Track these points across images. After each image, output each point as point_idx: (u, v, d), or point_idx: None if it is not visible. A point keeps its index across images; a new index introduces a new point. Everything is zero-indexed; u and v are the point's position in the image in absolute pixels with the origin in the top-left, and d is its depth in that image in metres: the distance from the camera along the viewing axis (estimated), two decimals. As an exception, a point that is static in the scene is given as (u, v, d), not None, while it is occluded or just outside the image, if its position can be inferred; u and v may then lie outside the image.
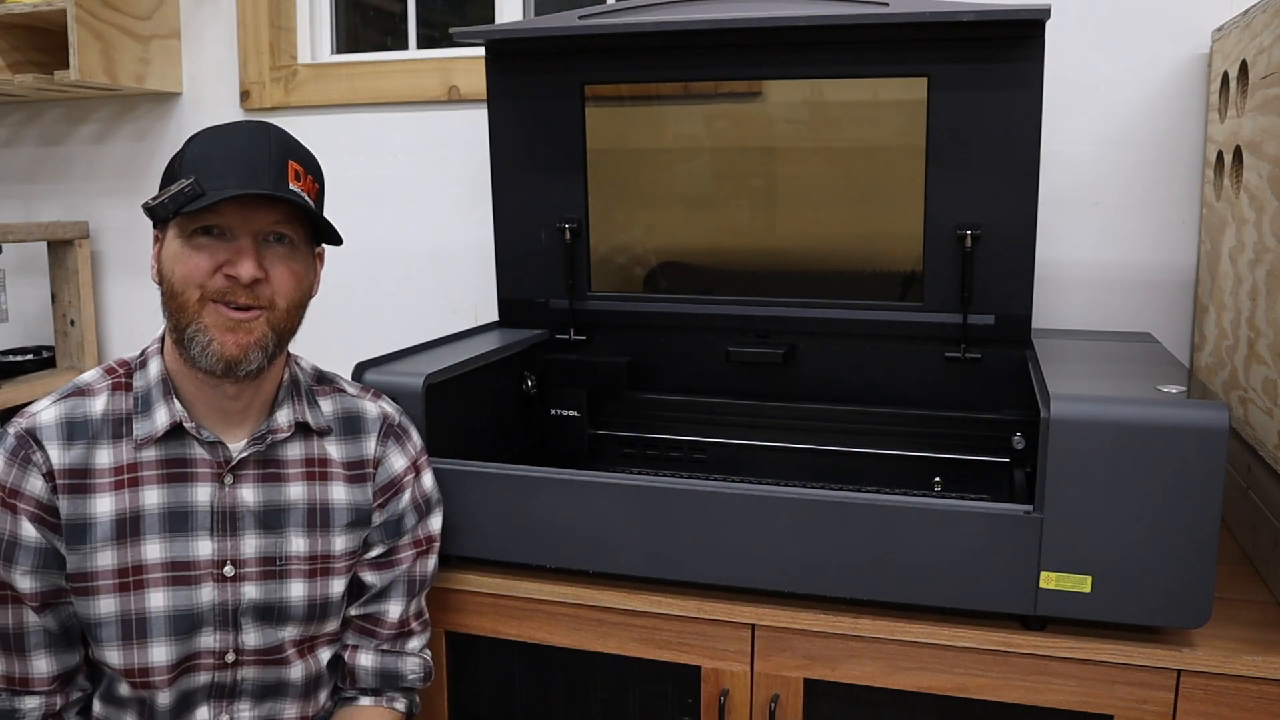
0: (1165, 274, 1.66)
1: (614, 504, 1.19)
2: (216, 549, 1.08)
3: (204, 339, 1.03)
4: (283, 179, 1.04)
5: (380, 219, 2.06)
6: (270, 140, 1.06)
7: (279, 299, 1.06)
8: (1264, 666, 1.04)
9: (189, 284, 1.03)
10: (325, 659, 1.16)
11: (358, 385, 1.22)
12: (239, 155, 1.03)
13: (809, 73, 1.48)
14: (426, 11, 2.13)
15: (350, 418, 1.17)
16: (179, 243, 1.03)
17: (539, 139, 1.58)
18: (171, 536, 1.06)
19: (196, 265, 1.03)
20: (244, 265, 1.02)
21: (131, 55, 2.02)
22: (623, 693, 1.27)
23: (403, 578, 1.19)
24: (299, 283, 1.08)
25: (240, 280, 1.02)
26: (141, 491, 1.06)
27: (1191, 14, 1.60)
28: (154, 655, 1.05)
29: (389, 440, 1.18)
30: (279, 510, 1.11)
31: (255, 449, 1.09)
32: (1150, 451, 1.02)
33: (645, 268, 1.64)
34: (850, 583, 1.14)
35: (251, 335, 1.04)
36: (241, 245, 1.03)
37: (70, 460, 1.04)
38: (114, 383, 1.09)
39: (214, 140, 1.05)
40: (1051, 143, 1.61)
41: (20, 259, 2.31)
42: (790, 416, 1.53)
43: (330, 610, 1.14)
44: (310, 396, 1.16)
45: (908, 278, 1.49)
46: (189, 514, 1.07)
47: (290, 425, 1.12)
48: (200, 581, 1.07)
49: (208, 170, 1.02)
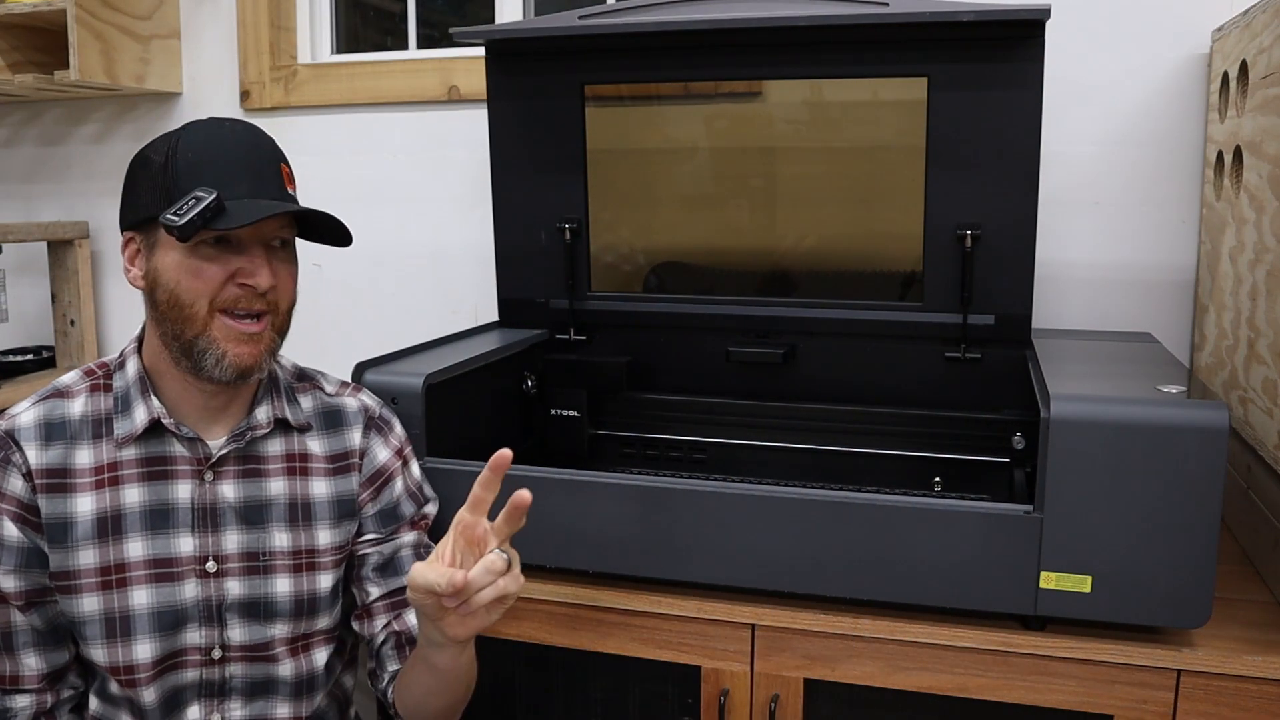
0: (1165, 274, 1.66)
1: (614, 504, 1.19)
2: (198, 545, 1.08)
3: (217, 351, 1.03)
4: (282, 183, 1.06)
5: (380, 219, 2.06)
6: (261, 143, 1.07)
7: (281, 302, 1.08)
8: (1264, 666, 1.04)
9: (199, 296, 1.02)
10: (321, 660, 1.16)
11: (337, 381, 1.23)
12: (240, 162, 1.03)
13: (809, 73, 1.48)
14: (426, 11, 2.13)
15: (331, 413, 1.18)
16: (180, 253, 1.02)
17: (539, 139, 1.58)
18: (153, 534, 1.07)
19: (210, 277, 1.02)
20: (261, 275, 1.03)
21: (131, 55, 2.02)
22: (623, 693, 1.27)
23: (409, 547, 1.19)
24: (294, 284, 1.10)
25: (258, 289, 1.03)
26: (122, 490, 1.07)
27: (1191, 14, 1.60)
28: (139, 652, 1.06)
29: (372, 432, 1.19)
30: (260, 506, 1.11)
31: (235, 445, 1.10)
32: (1150, 451, 1.02)
33: (645, 268, 1.64)
34: (850, 583, 1.14)
35: (261, 345, 1.06)
36: (254, 255, 1.04)
37: (49, 460, 1.05)
38: (92, 384, 1.10)
39: (207, 145, 1.04)
40: (1051, 143, 1.61)
41: (20, 259, 2.31)
42: (790, 416, 1.53)
43: (320, 606, 1.14)
44: (290, 393, 1.16)
45: (908, 278, 1.49)
46: (170, 511, 1.08)
47: (269, 421, 1.12)
48: (183, 578, 1.07)
49: (212, 179, 1.01)
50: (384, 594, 1.17)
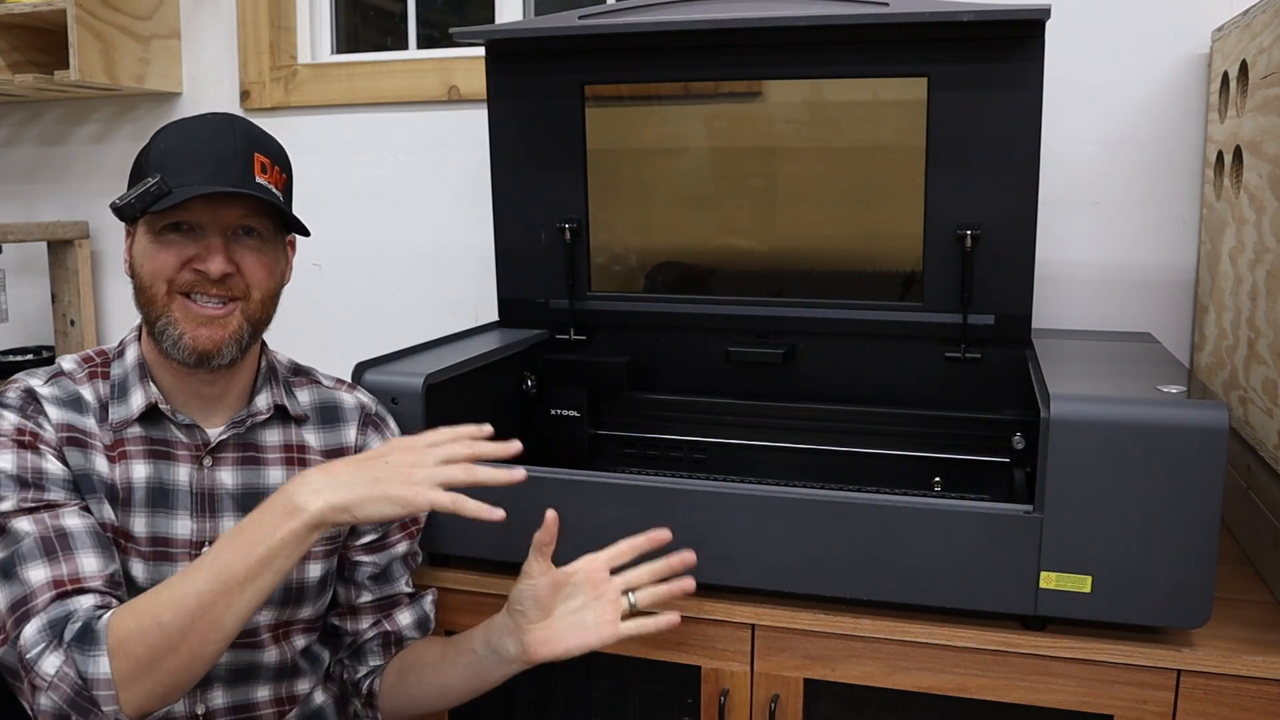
0: (1165, 274, 1.66)
1: (614, 504, 1.19)
2: (195, 529, 1.09)
3: (175, 332, 1.05)
4: (249, 172, 1.05)
5: (380, 219, 2.06)
6: (235, 133, 1.07)
7: (254, 290, 1.08)
8: (1264, 666, 1.04)
9: (157, 278, 1.05)
10: (300, 646, 1.16)
11: (333, 377, 1.24)
12: (205, 150, 1.04)
13: (809, 73, 1.48)
14: (426, 11, 2.13)
15: (328, 407, 1.19)
16: (148, 239, 1.06)
17: (539, 139, 1.58)
18: (154, 511, 1.08)
19: (164, 261, 1.05)
20: (213, 261, 1.04)
21: (131, 55, 2.02)
22: (623, 693, 1.27)
23: (400, 555, 1.21)
24: (270, 273, 1.10)
25: (210, 276, 1.04)
26: (130, 465, 1.08)
27: (1191, 14, 1.60)
28: None
29: (368, 429, 1.20)
30: (257, 494, 1.11)
31: (235, 431, 1.11)
32: (1150, 451, 1.02)
33: (645, 267, 1.64)
34: (850, 583, 1.14)
35: (226, 330, 1.06)
36: (210, 241, 1.05)
37: (68, 420, 1.07)
38: (90, 371, 1.11)
39: (179, 135, 1.06)
40: (1051, 143, 1.60)
41: (20, 259, 2.31)
42: (790, 416, 1.53)
43: (306, 595, 1.15)
44: (287, 386, 1.18)
45: (908, 278, 1.48)
46: (171, 491, 1.09)
47: (270, 408, 1.14)
48: (177, 559, 1.08)
49: (174, 166, 1.03)
50: (374, 599, 1.20)
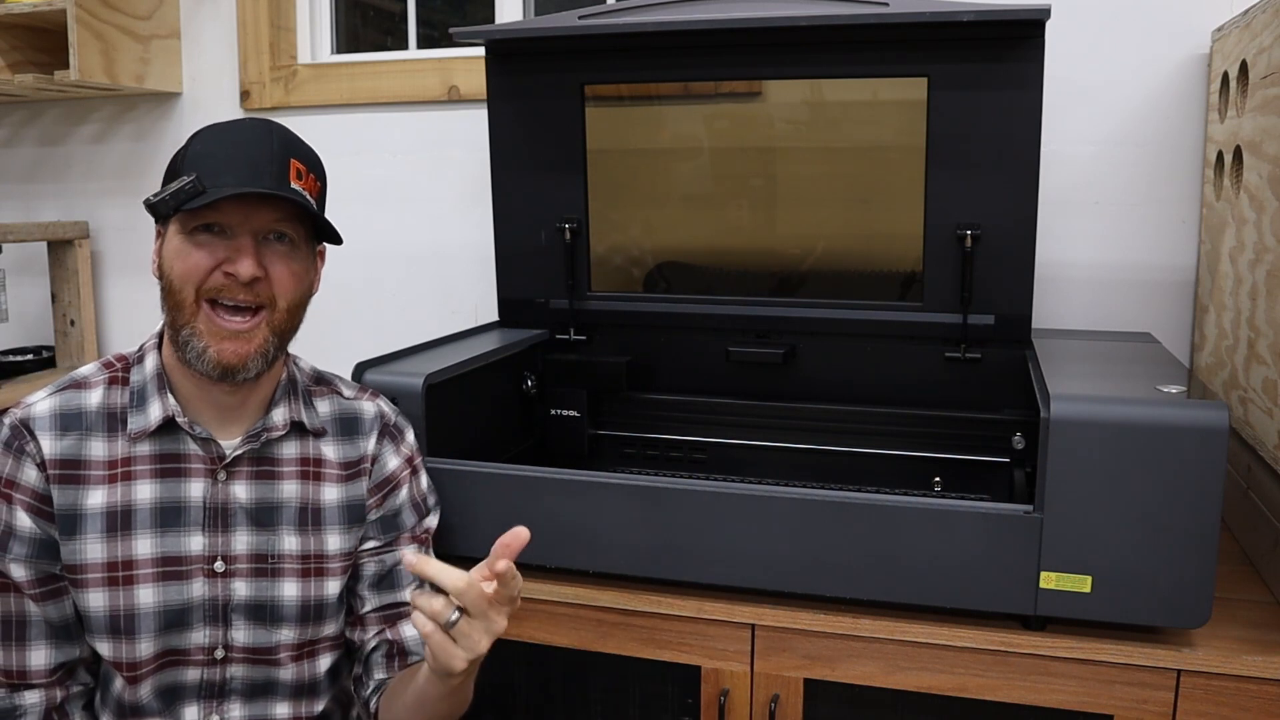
0: (1165, 274, 1.66)
1: (614, 504, 1.19)
2: (207, 544, 1.08)
3: (199, 345, 1.03)
4: (284, 177, 1.04)
5: (380, 219, 2.06)
6: (273, 138, 1.06)
7: (280, 298, 1.06)
8: (1264, 666, 1.04)
9: (187, 281, 1.03)
10: (324, 666, 1.15)
11: (355, 386, 1.22)
12: (241, 153, 1.03)
13: (809, 73, 1.48)
14: (426, 11, 2.13)
15: (348, 419, 1.17)
16: (180, 239, 1.04)
17: (539, 139, 1.58)
18: (163, 531, 1.07)
19: (196, 262, 1.03)
20: (243, 264, 1.02)
21: (131, 55, 2.02)
22: (623, 693, 1.27)
23: None
24: (299, 282, 1.08)
25: (239, 278, 1.03)
26: (134, 485, 1.06)
27: (1191, 14, 1.60)
28: (141, 649, 1.06)
29: (385, 439, 1.18)
30: (272, 508, 1.11)
31: (250, 446, 1.10)
32: (1150, 451, 1.02)
33: (645, 268, 1.64)
34: (850, 583, 1.14)
35: (251, 344, 1.04)
36: (241, 243, 1.03)
37: (63, 451, 1.05)
38: (110, 376, 1.10)
39: (217, 137, 1.06)
40: (1051, 143, 1.61)
41: (20, 259, 2.31)
42: (790, 416, 1.53)
43: (326, 612, 1.13)
44: (307, 397, 1.16)
45: (908, 278, 1.49)
46: (181, 509, 1.07)
47: (285, 424, 1.12)
48: (190, 577, 1.07)
49: (209, 167, 1.02)
50: (379, 606, 1.17)
